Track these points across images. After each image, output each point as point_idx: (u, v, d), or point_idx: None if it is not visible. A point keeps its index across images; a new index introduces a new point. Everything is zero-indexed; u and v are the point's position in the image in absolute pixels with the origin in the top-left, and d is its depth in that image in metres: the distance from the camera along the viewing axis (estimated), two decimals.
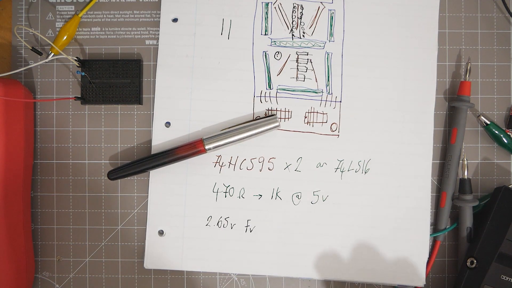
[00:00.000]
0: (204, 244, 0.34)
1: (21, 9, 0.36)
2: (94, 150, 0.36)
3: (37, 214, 0.35)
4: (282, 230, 0.35)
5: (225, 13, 0.35)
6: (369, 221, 0.34)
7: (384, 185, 0.34)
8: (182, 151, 0.33)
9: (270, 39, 0.35)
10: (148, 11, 0.36)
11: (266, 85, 0.35)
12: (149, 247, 0.35)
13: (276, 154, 0.35)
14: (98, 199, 0.35)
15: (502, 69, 0.36)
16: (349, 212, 0.34)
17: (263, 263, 0.34)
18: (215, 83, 0.35)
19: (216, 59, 0.35)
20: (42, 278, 0.35)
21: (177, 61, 0.35)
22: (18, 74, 0.36)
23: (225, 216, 0.35)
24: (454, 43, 0.36)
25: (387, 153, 0.34)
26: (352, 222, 0.34)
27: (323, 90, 0.35)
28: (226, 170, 0.35)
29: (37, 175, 0.36)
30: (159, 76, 0.35)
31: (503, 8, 0.35)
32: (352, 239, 0.34)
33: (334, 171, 0.35)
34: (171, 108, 0.35)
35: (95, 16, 0.36)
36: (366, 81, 0.35)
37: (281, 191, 0.35)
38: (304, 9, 0.35)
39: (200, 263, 0.34)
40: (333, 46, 0.35)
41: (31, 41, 0.36)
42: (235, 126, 0.33)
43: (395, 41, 0.35)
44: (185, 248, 0.34)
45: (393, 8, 0.35)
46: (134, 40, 0.36)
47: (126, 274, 0.35)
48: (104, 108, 0.36)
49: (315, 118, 0.35)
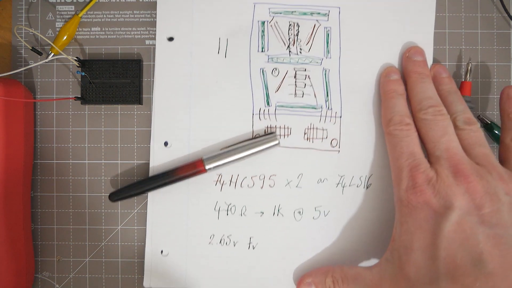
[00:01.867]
0: (207, 263, 0.34)
1: (21, 9, 0.36)
2: (94, 150, 0.36)
3: (37, 214, 0.35)
4: (285, 246, 0.34)
5: (221, 32, 0.35)
6: (372, 235, 0.34)
7: (386, 199, 0.34)
8: (182, 171, 0.33)
9: (267, 56, 0.35)
10: (148, 11, 0.36)
11: (264, 102, 0.35)
12: (149, 266, 0.34)
13: (277, 171, 0.35)
14: (98, 199, 0.35)
15: (502, 69, 0.36)
16: (351, 227, 0.34)
17: (267, 279, 0.34)
18: (213, 101, 0.35)
19: (214, 77, 0.35)
20: (42, 278, 0.35)
21: (174, 81, 0.35)
22: (18, 74, 0.36)
23: (227, 234, 0.35)
24: (454, 43, 0.36)
25: (388, 168, 0.34)
26: (354, 237, 0.34)
27: (323, 105, 0.35)
28: (227, 188, 0.35)
29: (37, 175, 0.36)
30: (156, 95, 0.35)
31: (502, 9, 0.35)
32: (355, 254, 0.34)
33: (335, 186, 0.34)
34: (169, 128, 0.35)
35: (95, 16, 0.36)
36: (365, 96, 0.35)
37: (282, 207, 0.35)
38: (300, 26, 0.35)
39: (204, 281, 0.34)
40: (330, 62, 0.35)
41: (31, 41, 0.36)
42: (234, 145, 0.34)
43: (391, 57, 0.35)
44: (188, 267, 0.34)
45: (388, 25, 0.35)
46: (134, 40, 0.36)
47: (126, 274, 0.35)
48: (104, 108, 0.36)
49: (315, 134, 0.35)
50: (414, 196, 0.29)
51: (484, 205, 0.27)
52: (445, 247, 0.27)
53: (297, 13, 0.35)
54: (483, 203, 0.27)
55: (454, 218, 0.27)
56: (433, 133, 0.30)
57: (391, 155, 0.32)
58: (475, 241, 0.26)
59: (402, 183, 0.30)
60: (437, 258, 0.27)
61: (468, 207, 0.27)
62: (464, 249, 0.26)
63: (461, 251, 0.26)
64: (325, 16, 0.35)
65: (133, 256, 0.35)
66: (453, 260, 0.26)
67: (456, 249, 0.26)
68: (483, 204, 0.27)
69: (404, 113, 0.32)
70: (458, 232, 0.27)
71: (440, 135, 0.30)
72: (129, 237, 0.35)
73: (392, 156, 0.31)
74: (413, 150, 0.30)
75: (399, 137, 0.31)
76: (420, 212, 0.28)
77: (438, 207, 0.28)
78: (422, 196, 0.28)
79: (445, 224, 0.27)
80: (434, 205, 0.28)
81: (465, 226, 0.27)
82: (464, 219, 0.27)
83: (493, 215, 0.27)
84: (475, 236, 0.26)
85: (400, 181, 0.30)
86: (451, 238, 0.27)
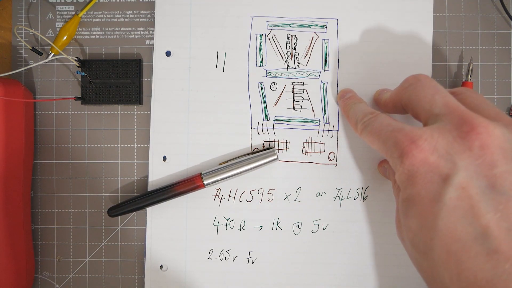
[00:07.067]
0: (206, 278, 0.35)
1: (21, 9, 0.36)
2: (94, 150, 0.36)
3: (37, 214, 0.35)
4: (284, 260, 0.35)
5: (219, 46, 0.35)
6: (370, 247, 0.34)
7: (383, 211, 0.34)
8: (180, 187, 0.33)
9: (265, 70, 0.35)
10: (148, 11, 0.36)
11: (262, 116, 0.35)
12: (148, 281, 0.35)
13: (275, 185, 0.35)
14: (98, 199, 0.35)
15: (502, 69, 0.36)
16: (350, 239, 0.34)
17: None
18: (211, 116, 0.35)
19: (212, 92, 0.35)
20: (42, 278, 0.35)
21: (172, 95, 0.35)
22: (18, 74, 0.36)
23: (226, 248, 0.35)
24: (454, 43, 0.36)
25: (384, 179, 0.34)
26: (353, 249, 0.34)
27: (320, 119, 0.35)
28: (225, 202, 0.35)
29: (37, 175, 0.36)
30: (154, 110, 0.35)
31: (502, 9, 0.35)
32: (353, 267, 0.34)
33: (333, 199, 0.35)
34: (167, 143, 0.35)
35: (95, 16, 0.36)
36: None
37: (281, 221, 0.35)
38: (298, 39, 0.35)
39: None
40: (328, 75, 0.35)
41: (31, 41, 0.36)
42: (233, 160, 0.34)
43: (389, 69, 0.35)
44: (187, 282, 0.34)
45: (387, 36, 0.35)
46: (134, 40, 0.36)
47: (126, 274, 0.35)
48: (104, 108, 0.36)
49: (313, 148, 0.35)
50: (408, 156, 0.24)
51: (496, 163, 0.22)
52: (444, 216, 0.22)
53: (295, 26, 0.35)
54: (494, 161, 0.22)
55: (457, 181, 0.22)
56: (424, 93, 0.26)
57: (375, 145, 0.28)
58: (481, 210, 0.22)
59: (393, 153, 0.25)
60: (434, 228, 0.23)
61: (476, 167, 0.22)
62: (466, 220, 0.22)
63: (462, 221, 0.22)
64: (323, 28, 0.35)
65: (133, 256, 0.35)
66: (452, 232, 0.22)
67: (457, 219, 0.22)
68: (495, 162, 0.22)
69: (366, 110, 0.30)
70: (462, 199, 0.22)
71: (432, 93, 0.26)
72: (129, 237, 0.35)
73: (376, 144, 0.27)
74: (389, 122, 0.27)
75: (370, 124, 0.28)
76: (420, 178, 0.24)
77: (438, 167, 0.23)
78: (418, 152, 0.24)
79: (446, 190, 0.22)
80: (433, 164, 0.23)
81: (471, 192, 0.22)
82: (469, 182, 0.22)
83: (506, 176, 0.22)
84: (481, 205, 0.22)
85: (392, 153, 0.25)
86: (453, 207, 0.22)
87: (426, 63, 0.35)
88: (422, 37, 0.35)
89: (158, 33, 0.35)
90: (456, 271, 0.22)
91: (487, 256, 0.21)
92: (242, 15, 0.35)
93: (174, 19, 0.35)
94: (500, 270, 0.21)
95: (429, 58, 0.35)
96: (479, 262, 0.21)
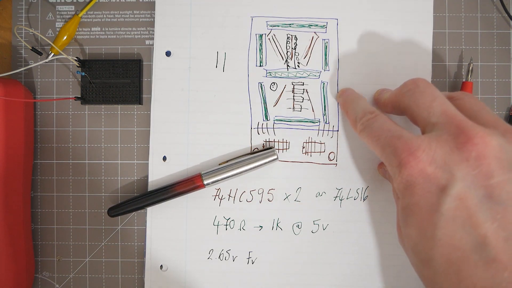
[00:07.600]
0: (206, 278, 0.35)
1: (21, 9, 0.36)
2: (94, 150, 0.36)
3: (37, 214, 0.35)
4: (284, 260, 0.35)
5: (219, 46, 0.35)
6: (370, 247, 0.34)
7: (383, 211, 0.34)
8: (180, 187, 0.33)
9: (265, 70, 0.35)
10: (148, 11, 0.36)
11: (263, 116, 0.35)
12: (149, 282, 0.35)
13: (275, 185, 0.35)
14: (98, 199, 0.35)
15: (502, 69, 0.36)
16: (350, 239, 0.34)
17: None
18: (211, 116, 0.35)
19: (212, 92, 0.35)
20: (42, 278, 0.35)
21: (172, 95, 0.35)
22: (18, 74, 0.36)
23: (226, 248, 0.35)
24: (454, 43, 0.36)
25: (384, 179, 0.34)
26: (353, 249, 0.34)
27: (320, 119, 0.35)
28: (225, 202, 0.35)
29: (37, 175, 0.36)
30: (154, 110, 0.35)
31: (502, 9, 0.35)
32: (353, 267, 0.34)
33: (333, 199, 0.35)
34: (167, 143, 0.35)
35: (95, 16, 0.36)
36: None
37: (281, 221, 0.35)
38: (298, 39, 0.35)
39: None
40: (328, 75, 0.35)
41: (31, 41, 0.36)
42: (233, 160, 0.34)
43: (390, 69, 0.35)
44: (187, 282, 0.34)
45: (387, 36, 0.35)
46: (134, 40, 0.36)
47: (126, 274, 0.35)
48: (104, 108, 0.36)
49: (313, 148, 0.35)
50: (406, 167, 0.24)
51: (492, 173, 0.22)
52: (443, 226, 0.23)
53: (295, 26, 0.35)
54: (491, 171, 0.22)
55: (455, 192, 0.23)
56: (422, 99, 0.26)
57: (374, 149, 0.28)
58: (478, 220, 0.22)
59: (392, 161, 0.25)
60: (433, 238, 0.23)
61: (473, 177, 0.23)
62: (465, 230, 0.22)
63: (461, 231, 0.22)
64: (323, 28, 0.35)
65: (133, 256, 0.35)
66: (451, 241, 0.22)
67: (455, 229, 0.22)
68: (492, 172, 0.22)
69: (366, 108, 0.30)
70: (460, 209, 0.22)
71: (430, 100, 0.26)
72: (129, 237, 0.35)
73: (374, 148, 0.28)
74: (388, 127, 0.27)
75: (369, 125, 0.28)
76: (418, 188, 0.24)
77: (436, 177, 0.24)
78: (417, 163, 0.24)
79: (444, 200, 0.23)
80: (431, 175, 0.24)
81: (469, 202, 0.22)
82: (467, 193, 0.23)
83: (503, 186, 0.22)
84: (479, 215, 0.22)
85: (390, 161, 0.26)
86: (451, 217, 0.23)
87: (426, 63, 0.35)
88: (422, 37, 0.35)
89: (158, 33, 0.35)
90: (456, 280, 0.22)
91: (486, 265, 0.21)
92: (242, 15, 0.35)
93: (174, 19, 0.35)
94: (499, 278, 0.21)
95: (429, 58, 0.35)
96: (478, 271, 0.22)
